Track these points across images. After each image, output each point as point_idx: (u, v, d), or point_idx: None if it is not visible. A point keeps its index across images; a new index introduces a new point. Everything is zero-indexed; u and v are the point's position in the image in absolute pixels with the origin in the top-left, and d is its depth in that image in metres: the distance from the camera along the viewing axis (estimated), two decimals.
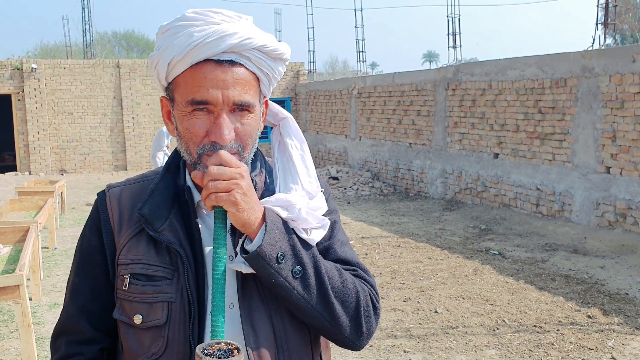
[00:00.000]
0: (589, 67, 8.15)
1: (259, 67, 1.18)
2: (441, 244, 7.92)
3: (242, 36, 1.14)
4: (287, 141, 1.30)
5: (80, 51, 27.98)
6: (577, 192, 8.36)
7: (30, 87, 16.30)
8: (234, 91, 1.14)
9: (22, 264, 4.32)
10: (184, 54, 1.13)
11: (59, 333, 1.28)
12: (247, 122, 1.17)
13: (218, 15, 1.16)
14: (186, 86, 1.15)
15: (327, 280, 1.19)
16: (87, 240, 1.26)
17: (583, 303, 5.43)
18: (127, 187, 1.29)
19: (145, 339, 1.17)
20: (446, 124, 11.35)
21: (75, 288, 1.26)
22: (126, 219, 1.23)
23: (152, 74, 1.25)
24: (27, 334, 4.11)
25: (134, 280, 1.18)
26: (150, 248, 1.19)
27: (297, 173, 1.27)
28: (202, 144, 1.15)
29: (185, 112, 1.16)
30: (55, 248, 7.73)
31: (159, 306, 1.16)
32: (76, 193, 13.04)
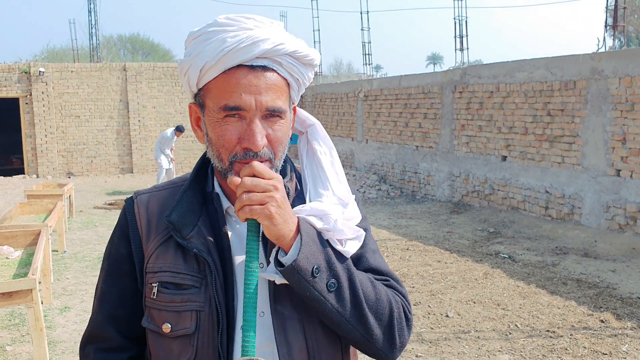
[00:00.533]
0: (598, 69, 8.12)
1: (290, 72, 1.18)
2: (450, 247, 7.90)
3: (274, 42, 1.13)
4: (315, 147, 1.29)
5: (86, 54, 28.08)
6: (587, 195, 8.32)
7: (37, 91, 16.36)
8: (267, 97, 1.13)
9: (34, 268, 4.31)
10: (217, 60, 1.12)
11: (88, 340, 1.27)
12: (279, 129, 1.16)
13: (250, 20, 1.15)
14: (218, 92, 1.13)
15: (361, 293, 1.18)
16: (116, 248, 1.25)
17: (595, 307, 5.40)
18: (154, 194, 1.28)
19: (174, 347, 1.16)
20: (453, 126, 11.33)
21: (104, 295, 1.26)
22: (154, 226, 1.22)
23: (180, 80, 1.24)
24: (40, 338, 4.11)
25: (162, 288, 1.16)
26: (179, 256, 1.17)
27: (327, 179, 1.26)
28: (234, 151, 1.13)
29: (217, 118, 1.14)
30: (64, 251, 7.74)
31: (188, 315, 1.15)
32: (83, 196, 13.06)
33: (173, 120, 17.79)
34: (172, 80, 17.76)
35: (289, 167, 1.28)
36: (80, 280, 6.53)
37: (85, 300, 5.88)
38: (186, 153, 18.08)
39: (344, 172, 5.44)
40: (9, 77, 16.20)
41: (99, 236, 8.88)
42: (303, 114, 1.32)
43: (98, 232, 9.22)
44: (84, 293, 6.10)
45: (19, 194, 13.27)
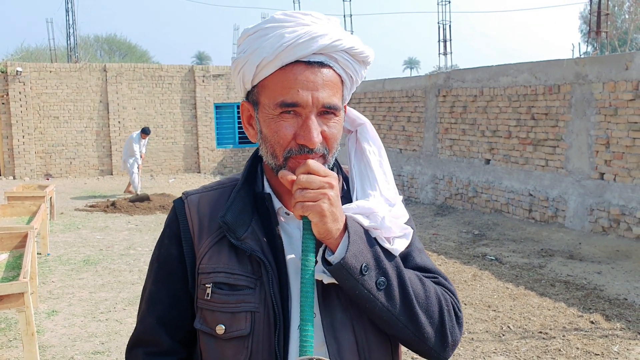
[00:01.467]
0: (582, 74, 8.25)
1: (345, 69, 1.17)
2: (437, 249, 7.94)
3: (332, 37, 1.12)
4: (364, 147, 1.28)
5: (63, 54, 27.66)
6: (571, 198, 8.45)
7: (15, 91, 16.04)
8: (323, 93, 1.11)
9: (25, 271, 4.22)
10: (275, 55, 1.10)
11: (136, 343, 1.24)
12: (334, 125, 1.15)
13: (308, 17, 1.14)
14: (275, 88, 1.12)
15: (411, 290, 1.17)
16: (166, 249, 1.23)
17: (585, 309, 5.47)
18: (204, 194, 1.26)
19: (228, 349, 1.14)
20: (437, 130, 11.41)
21: (153, 298, 1.23)
22: (206, 226, 1.20)
23: (233, 78, 1.22)
24: (31, 343, 4.02)
25: (216, 289, 1.15)
26: (232, 256, 1.16)
27: (376, 179, 1.24)
28: (289, 147, 1.12)
29: (272, 115, 1.13)
30: (48, 254, 7.60)
31: (242, 316, 1.13)
32: (63, 198, 12.84)
33: (153, 121, 17.61)
34: (152, 82, 17.58)
35: (336, 168, 1.27)
36: (66, 284, 6.41)
37: (73, 303, 5.77)
38: (166, 155, 17.90)
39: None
40: None
41: (83, 238, 8.73)
42: (353, 113, 1.31)
43: (81, 234, 9.07)
44: (71, 297, 5.99)
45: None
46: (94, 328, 5.11)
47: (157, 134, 17.69)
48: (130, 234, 9.07)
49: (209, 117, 18.06)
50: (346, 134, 1.33)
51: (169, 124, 17.88)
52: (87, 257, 7.61)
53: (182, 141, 18.07)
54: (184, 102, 17.95)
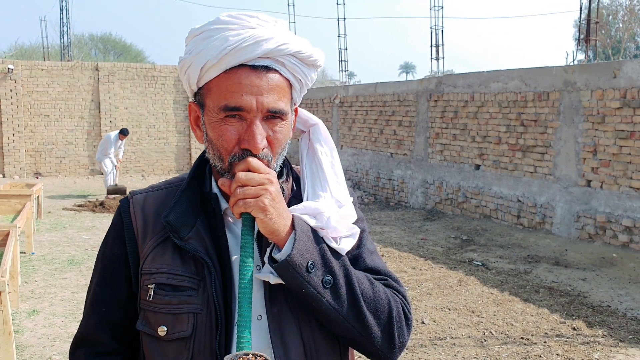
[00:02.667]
0: (571, 81, 8.28)
1: (292, 73, 1.15)
2: (424, 254, 7.94)
3: (278, 41, 1.11)
4: (316, 147, 1.27)
5: (57, 53, 27.56)
6: (558, 205, 8.47)
7: (6, 88, 15.97)
8: (268, 98, 1.10)
9: (3, 270, 4.20)
10: (218, 58, 1.09)
11: (79, 344, 1.23)
12: (279, 130, 1.14)
13: (254, 19, 1.12)
14: (219, 91, 1.11)
15: (359, 290, 1.16)
16: (110, 249, 1.22)
17: (567, 315, 5.48)
18: (151, 194, 1.25)
19: (170, 351, 1.13)
20: (428, 134, 11.42)
21: (97, 298, 1.22)
22: (150, 226, 1.19)
23: (180, 77, 1.21)
24: (8, 343, 3.99)
25: (159, 290, 1.14)
26: (176, 257, 1.15)
27: (327, 180, 1.24)
28: (233, 152, 1.11)
29: (217, 119, 1.12)
30: (32, 253, 7.55)
31: (185, 317, 1.12)
32: (52, 197, 12.78)
33: (145, 122, 17.57)
34: (145, 82, 17.54)
35: (286, 169, 1.26)
36: (49, 283, 6.37)
37: (54, 303, 5.73)
38: (158, 155, 17.86)
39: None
40: None
41: (69, 238, 8.69)
42: (305, 114, 1.30)
43: (67, 233, 9.02)
44: (53, 296, 5.95)
45: None
46: (74, 328, 5.07)
47: (149, 134, 17.65)
48: None
49: None
50: (299, 134, 1.32)
51: (161, 124, 17.84)
52: (71, 256, 7.56)
53: (174, 142, 18.04)
54: (177, 102, 17.92)
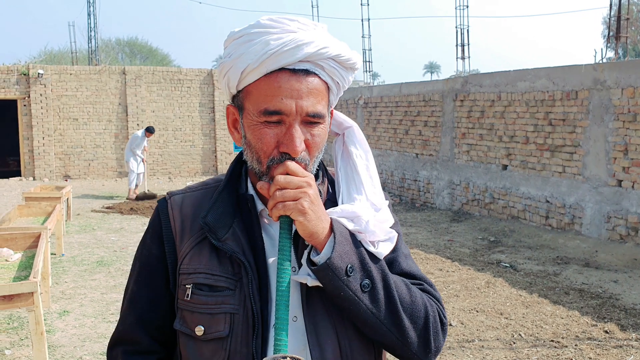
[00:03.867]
0: (600, 79, 8.13)
1: (331, 76, 1.16)
2: (451, 255, 7.86)
3: (318, 45, 1.11)
4: (351, 150, 1.27)
5: (84, 58, 28.02)
6: (588, 205, 8.31)
7: (36, 93, 16.29)
8: (308, 101, 1.11)
9: (35, 271, 4.26)
10: (259, 62, 1.09)
11: (116, 342, 1.25)
12: (317, 134, 1.14)
13: (294, 23, 1.13)
14: (259, 95, 1.11)
15: (396, 294, 1.16)
16: (148, 249, 1.23)
17: (599, 318, 5.37)
18: (188, 195, 1.26)
19: (206, 350, 1.13)
20: (454, 134, 11.32)
21: (134, 297, 1.24)
22: (188, 227, 1.20)
23: (219, 80, 1.22)
24: (40, 342, 4.05)
25: (197, 290, 1.15)
26: (213, 257, 1.16)
27: (362, 183, 1.23)
28: (272, 155, 1.12)
29: (256, 122, 1.12)
30: (62, 254, 7.68)
31: (222, 317, 1.13)
32: (80, 199, 12.99)
33: (172, 124, 17.76)
34: (171, 85, 17.73)
35: (322, 171, 1.26)
36: (79, 284, 6.46)
37: (84, 304, 5.81)
38: (184, 158, 18.03)
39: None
40: (8, 78, 16.13)
41: (97, 240, 8.81)
42: (340, 117, 1.30)
43: (96, 235, 9.16)
44: (82, 297, 6.03)
45: (15, 196, 13.19)
46: (104, 329, 5.15)
47: (175, 137, 17.84)
48: None
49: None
50: (333, 137, 1.32)
51: (187, 127, 18.01)
52: (101, 258, 7.67)
53: (200, 144, 18.19)
54: (203, 105, 18.07)
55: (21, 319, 5.33)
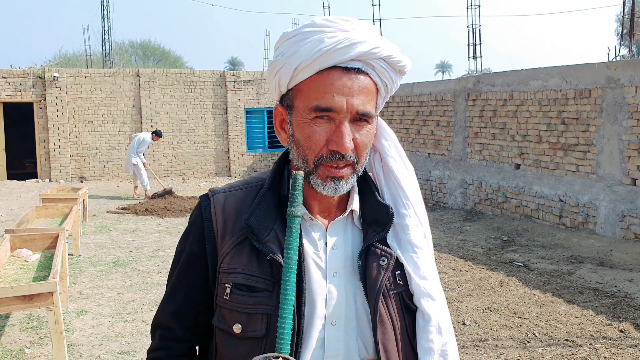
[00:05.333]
0: (614, 77, 8.10)
1: (381, 77, 1.17)
2: (464, 254, 7.87)
3: (371, 44, 1.13)
4: (391, 165, 1.27)
5: (98, 60, 28.27)
6: (602, 204, 8.28)
7: (52, 96, 16.48)
8: (358, 100, 1.12)
9: (54, 271, 4.35)
10: (313, 59, 1.11)
11: (156, 325, 1.30)
12: (366, 133, 1.16)
13: (348, 23, 1.15)
14: (310, 92, 1.13)
15: None
16: (190, 245, 1.25)
17: (614, 317, 5.36)
18: (230, 194, 1.26)
19: (243, 348, 1.16)
20: (466, 134, 11.31)
21: (174, 290, 1.27)
22: (230, 226, 1.21)
23: (268, 81, 1.23)
24: (60, 341, 4.13)
25: (235, 289, 1.17)
26: (253, 258, 1.17)
27: (408, 197, 1.25)
28: (320, 154, 1.13)
29: (306, 119, 1.14)
30: (79, 255, 7.78)
31: (259, 318, 1.15)
32: (96, 200, 13.13)
33: (185, 126, 17.87)
34: (185, 87, 17.85)
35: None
36: (96, 284, 6.55)
37: (101, 304, 5.90)
38: (197, 159, 18.14)
39: None
40: (24, 82, 16.33)
41: (113, 240, 8.92)
42: (382, 125, 1.29)
43: (112, 236, 9.26)
44: (99, 297, 6.12)
45: (32, 197, 13.36)
46: (121, 328, 5.22)
47: (189, 138, 17.96)
48: (160, 236, 9.22)
49: (239, 122, 18.26)
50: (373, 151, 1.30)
51: (200, 128, 18.12)
52: (117, 258, 7.76)
53: (213, 145, 18.29)
54: (216, 107, 18.18)
55: (40, 319, 5.42)
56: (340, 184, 1.15)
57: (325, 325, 1.16)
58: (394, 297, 1.19)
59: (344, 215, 1.22)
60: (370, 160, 1.29)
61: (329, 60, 1.11)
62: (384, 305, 1.17)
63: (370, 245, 1.19)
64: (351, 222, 1.23)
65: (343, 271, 1.18)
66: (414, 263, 1.21)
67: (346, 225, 1.23)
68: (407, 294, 1.20)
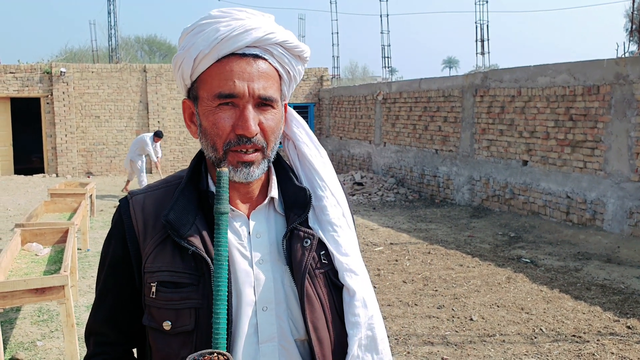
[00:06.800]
0: (623, 74, 8.07)
1: (281, 62, 1.21)
2: (471, 251, 7.88)
3: (265, 30, 1.17)
4: (304, 151, 1.31)
5: (105, 55, 28.33)
6: (610, 201, 8.27)
7: (59, 91, 16.54)
8: (259, 84, 1.15)
9: (65, 265, 4.38)
10: (210, 48, 1.14)
11: (88, 333, 1.30)
12: (271, 118, 1.18)
13: (242, 12, 1.19)
14: (212, 81, 1.16)
15: None
16: (113, 249, 1.25)
17: (621, 313, 5.36)
18: (150, 194, 1.27)
19: (175, 344, 1.16)
20: (474, 130, 11.30)
21: (102, 295, 1.27)
22: (151, 226, 1.21)
23: (174, 76, 1.26)
24: (71, 334, 4.17)
25: (161, 287, 1.17)
26: (176, 255, 1.18)
27: (324, 180, 1.29)
28: (228, 139, 1.16)
29: (210, 107, 1.16)
30: (88, 249, 7.83)
31: (187, 312, 1.16)
32: (103, 195, 13.18)
33: None
34: None
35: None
36: None
37: None
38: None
39: (362, 174, 5.56)
40: (31, 77, 16.41)
41: None
42: (292, 114, 1.34)
43: None
44: None
45: (39, 192, 13.44)
46: None
47: None
48: None
49: None
50: (284, 137, 1.35)
51: None
52: None
53: None
54: None
55: (50, 312, 5.46)
56: (252, 169, 1.17)
57: (256, 312, 1.17)
58: (321, 277, 1.21)
59: (264, 203, 1.25)
60: (285, 148, 1.35)
61: (225, 48, 1.14)
62: (311, 285, 1.19)
63: (293, 228, 1.22)
64: (273, 209, 1.26)
65: (269, 257, 1.20)
66: (335, 241, 1.24)
67: (268, 212, 1.25)
68: (334, 273, 1.23)
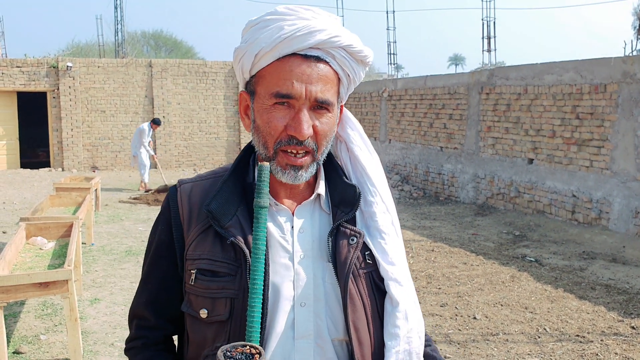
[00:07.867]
0: (630, 72, 8.02)
1: (342, 66, 1.19)
2: (475, 249, 7.85)
3: (330, 33, 1.15)
4: (357, 153, 1.30)
5: (111, 50, 28.37)
6: (616, 200, 8.23)
7: (65, 85, 16.58)
8: (317, 87, 1.14)
9: (69, 259, 4.39)
10: (272, 46, 1.13)
11: (132, 315, 1.32)
12: (326, 122, 1.17)
13: (309, 12, 1.17)
14: (271, 79, 1.15)
15: None
16: (159, 235, 1.28)
17: (626, 313, 5.34)
18: (197, 183, 1.29)
19: (209, 332, 1.18)
20: (479, 128, 11.26)
21: (146, 279, 1.30)
22: (195, 214, 1.23)
23: (234, 67, 1.25)
24: (74, 328, 4.18)
25: (200, 275, 1.18)
26: (216, 244, 1.19)
27: (374, 185, 1.27)
28: (279, 138, 1.15)
29: (266, 105, 1.16)
30: (92, 244, 7.85)
31: (222, 302, 1.17)
32: (108, 190, 13.21)
33: (197, 117, 17.92)
34: (197, 77, 17.89)
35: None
36: (109, 273, 6.62)
37: (114, 292, 5.95)
38: (209, 150, 18.20)
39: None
40: (38, 71, 16.44)
41: (126, 230, 8.98)
42: (348, 116, 1.32)
43: (124, 225, 9.33)
44: (112, 285, 6.18)
45: (45, 186, 13.48)
46: None
47: (200, 129, 18.02)
48: None
49: None
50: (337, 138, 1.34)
51: (212, 119, 18.17)
52: (129, 247, 7.82)
53: (224, 136, 18.35)
54: (227, 98, 18.21)
55: (54, 306, 5.48)
56: (300, 173, 1.17)
57: (294, 307, 1.17)
58: (364, 277, 1.20)
59: (310, 199, 1.24)
60: (337, 149, 1.33)
61: (288, 48, 1.13)
62: (354, 285, 1.18)
63: (340, 225, 1.21)
64: (318, 206, 1.26)
65: (311, 253, 1.20)
66: (382, 249, 1.22)
67: (313, 209, 1.25)
68: (377, 275, 1.22)
